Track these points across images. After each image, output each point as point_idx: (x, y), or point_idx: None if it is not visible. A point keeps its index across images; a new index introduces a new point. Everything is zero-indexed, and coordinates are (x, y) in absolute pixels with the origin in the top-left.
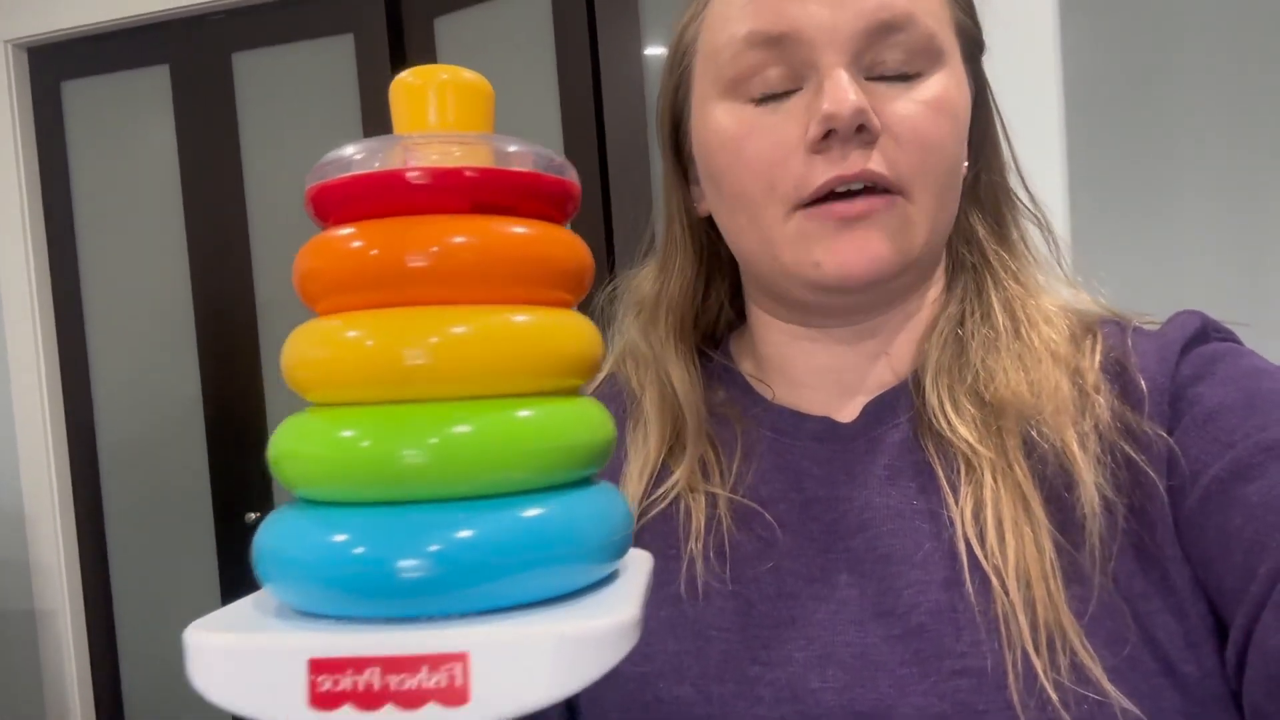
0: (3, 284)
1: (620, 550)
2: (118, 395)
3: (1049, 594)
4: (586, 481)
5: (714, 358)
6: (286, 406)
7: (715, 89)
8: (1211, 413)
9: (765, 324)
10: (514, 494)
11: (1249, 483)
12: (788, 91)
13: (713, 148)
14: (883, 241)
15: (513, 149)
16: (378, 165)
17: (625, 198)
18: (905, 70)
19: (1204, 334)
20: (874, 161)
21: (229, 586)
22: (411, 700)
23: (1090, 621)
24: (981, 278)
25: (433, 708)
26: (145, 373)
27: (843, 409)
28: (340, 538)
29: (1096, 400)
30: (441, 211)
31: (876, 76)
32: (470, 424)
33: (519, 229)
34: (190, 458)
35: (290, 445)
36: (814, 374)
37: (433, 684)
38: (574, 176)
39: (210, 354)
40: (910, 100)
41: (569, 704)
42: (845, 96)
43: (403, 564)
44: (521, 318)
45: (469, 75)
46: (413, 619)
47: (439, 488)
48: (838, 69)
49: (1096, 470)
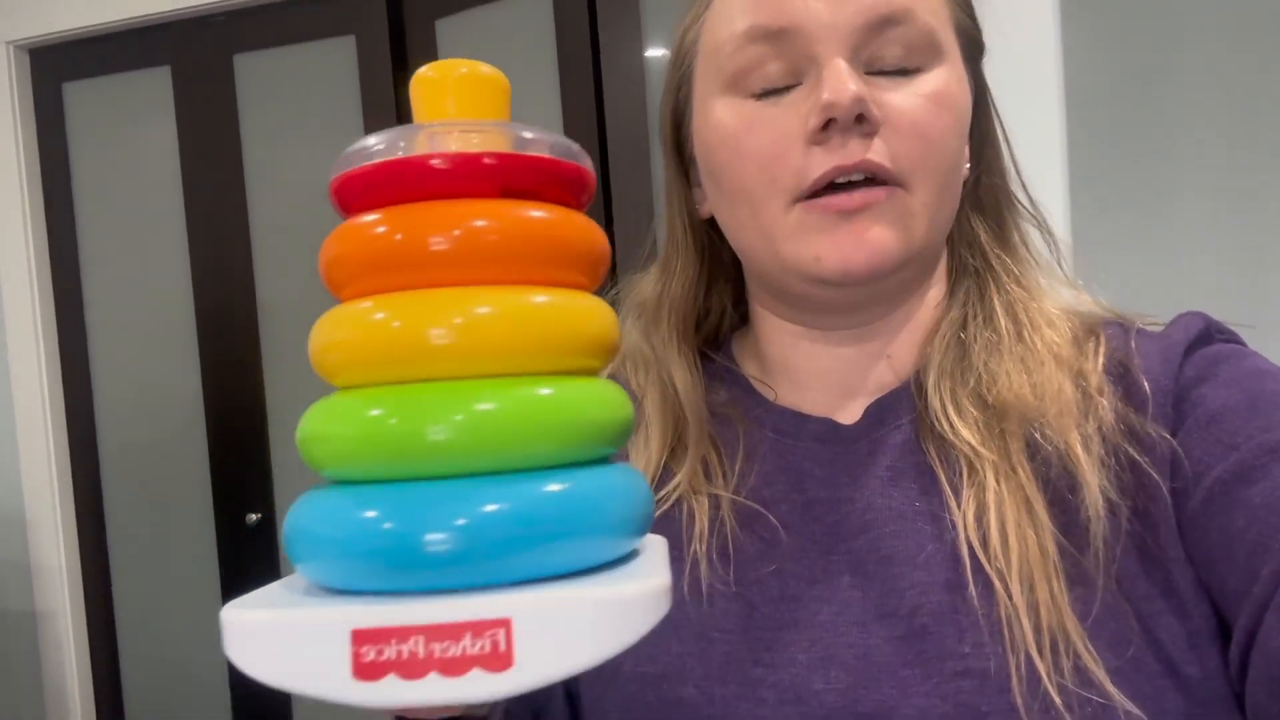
0: (4, 285)
1: (644, 525)
2: (119, 396)
3: (1052, 596)
4: (605, 461)
5: (716, 359)
6: (287, 408)
7: (716, 85)
8: (1215, 414)
9: (769, 324)
10: (539, 469)
11: (1252, 484)
12: (788, 86)
13: (713, 143)
14: (883, 233)
15: (530, 135)
16: (400, 153)
17: (626, 200)
18: (904, 65)
19: (1207, 335)
20: (873, 152)
21: (229, 588)
22: (455, 668)
23: (1093, 624)
24: (984, 282)
25: (477, 674)
26: (146, 374)
27: (844, 410)
28: (374, 513)
29: (1100, 402)
30: (463, 196)
31: (876, 71)
32: (494, 401)
33: (540, 213)
34: (191, 459)
35: (318, 427)
36: (816, 376)
37: (476, 650)
38: (589, 164)
39: (211, 356)
40: (909, 93)
41: (571, 705)
42: (844, 86)
43: (436, 536)
44: (543, 298)
45: (486, 69)
46: (448, 590)
47: (464, 463)
48: (837, 59)
49: (1100, 472)
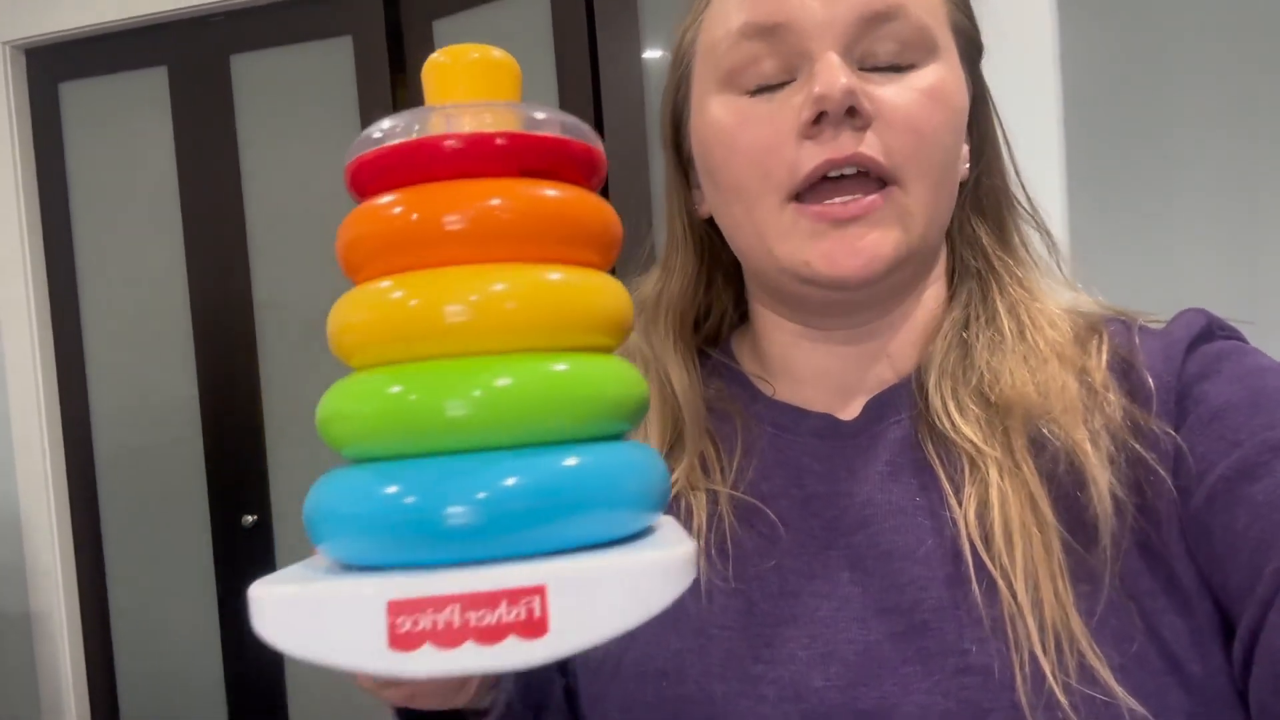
0: None
1: (663, 499)
2: (114, 397)
3: (1057, 595)
4: (619, 438)
5: (714, 357)
6: (283, 409)
7: (712, 83)
8: (1217, 411)
9: (768, 323)
10: (556, 444)
11: (1255, 482)
12: (782, 83)
13: (709, 141)
14: (879, 237)
15: (541, 115)
16: (415, 135)
17: (625, 201)
18: (898, 61)
19: (1209, 332)
20: (866, 145)
21: (226, 589)
22: (491, 635)
23: (1098, 621)
24: (986, 283)
25: (512, 641)
26: (142, 375)
27: (844, 409)
28: (400, 487)
29: (1106, 398)
30: (477, 176)
31: (870, 67)
32: (512, 376)
33: (554, 191)
34: (187, 460)
35: (339, 405)
36: (815, 374)
37: (512, 618)
38: (599, 144)
39: (207, 357)
40: (903, 88)
41: (570, 704)
42: (835, 79)
43: (460, 509)
44: (559, 275)
45: (498, 53)
46: (474, 562)
47: (482, 438)
48: (829, 53)
49: (1109, 469)
